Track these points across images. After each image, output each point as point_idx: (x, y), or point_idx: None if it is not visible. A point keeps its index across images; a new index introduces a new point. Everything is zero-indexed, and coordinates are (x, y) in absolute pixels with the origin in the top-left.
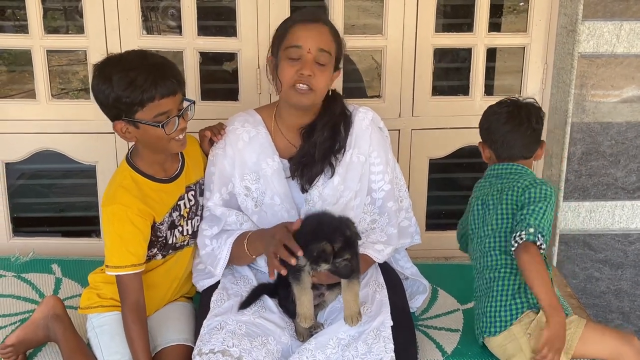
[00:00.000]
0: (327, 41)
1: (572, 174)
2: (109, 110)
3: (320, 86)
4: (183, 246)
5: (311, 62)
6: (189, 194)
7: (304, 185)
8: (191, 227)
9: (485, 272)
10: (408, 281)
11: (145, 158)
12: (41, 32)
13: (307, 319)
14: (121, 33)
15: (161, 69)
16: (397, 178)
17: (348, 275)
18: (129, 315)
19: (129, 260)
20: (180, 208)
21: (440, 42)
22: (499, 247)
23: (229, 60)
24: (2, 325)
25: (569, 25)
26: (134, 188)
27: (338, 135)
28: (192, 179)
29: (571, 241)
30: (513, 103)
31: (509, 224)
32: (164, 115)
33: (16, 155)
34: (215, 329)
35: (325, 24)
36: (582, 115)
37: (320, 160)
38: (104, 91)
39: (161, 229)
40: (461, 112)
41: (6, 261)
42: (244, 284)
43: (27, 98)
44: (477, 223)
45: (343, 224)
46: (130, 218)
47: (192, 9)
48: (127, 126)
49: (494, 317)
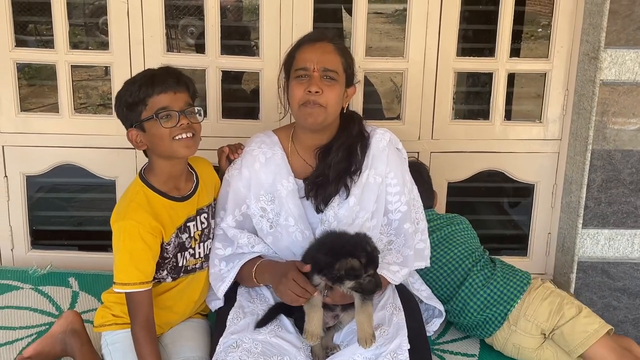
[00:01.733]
0: (332, 59)
1: (592, 201)
2: (124, 121)
3: (330, 102)
4: (195, 269)
5: (318, 79)
6: (201, 216)
7: (319, 206)
8: (203, 250)
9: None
10: (423, 305)
11: (159, 174)
12: (66, 47)
13: (313, 337)
14: (145, 50)
15: (164, 71)
16: (414, 200)
17: (372, 292)
18: (140, 332)
19: (137, 278)
20: (190, 230)
21: (462, 66)
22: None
23: (245, 79)
24: (19, 337)
25: (591, 53)
26: (146, 204)
27: (354, 157)
28: (204, 201)
29: (589, 269)
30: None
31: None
32: (163, 112)
33: (37, 169)
34: (231, 347)
35: (331, 41)
36: (603, 143)
37: (334, 181)
38: (117, 103)
39: (168, 250)
40: (481, 136)
41: (24, 273)
42: (260, 303)
43: (48, 112)
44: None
45: (362, 240)
46: (142, 235)
47: (215, 28)
48: (137, 133)
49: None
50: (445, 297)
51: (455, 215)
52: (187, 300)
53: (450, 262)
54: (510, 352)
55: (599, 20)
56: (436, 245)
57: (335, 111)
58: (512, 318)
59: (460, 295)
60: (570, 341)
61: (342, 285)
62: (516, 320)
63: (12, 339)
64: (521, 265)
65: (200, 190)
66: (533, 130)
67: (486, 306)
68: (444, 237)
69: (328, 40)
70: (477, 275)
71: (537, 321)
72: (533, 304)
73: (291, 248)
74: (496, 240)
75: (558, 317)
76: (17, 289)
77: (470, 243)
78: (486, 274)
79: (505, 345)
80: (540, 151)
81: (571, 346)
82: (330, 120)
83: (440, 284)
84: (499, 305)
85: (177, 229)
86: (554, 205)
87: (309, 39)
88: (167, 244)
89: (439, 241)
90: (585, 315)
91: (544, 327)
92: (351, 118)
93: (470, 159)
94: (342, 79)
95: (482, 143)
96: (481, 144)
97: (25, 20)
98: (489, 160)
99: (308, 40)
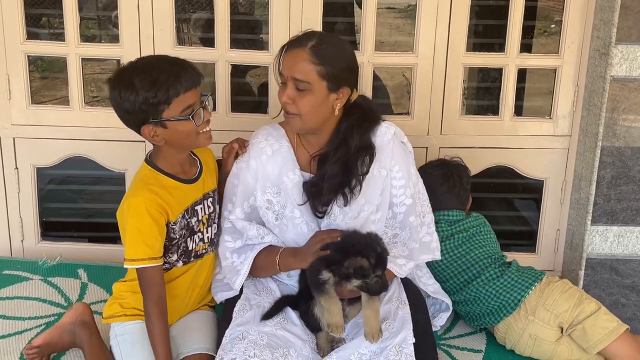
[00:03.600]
0: (303, 68)
1: (601, 198)
2: (135, 116)
3: (303, 110)
4: (203, 254)
5: (290, 89)
6: (208, 200)
7: (316, 212)
8: (210, 234)
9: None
10: (430, 299)
11: (168, 158)
12: (77, 40)
13: (338, 328)
14: (155, 43)
15: (179, 64)
16: (420, 193)
17: (378, 292)
18: (153, 309)
19: (146, 253)
20: (198, 213)
21: (471, 61)
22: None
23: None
24: (28, 327)
25: (602, 48)
26: (154, 183)
27: (352, 172)
28: (209, 186)
29: (598, 266)
30: (444, 164)
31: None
32: (189, 109)
33: (48, 161)
34: (237, 338)
35: (309, 48)
36: (613, 139)
37: (327, 193)
38: (129, 98)
39: (175, 230)
40: (490, 131)
41: (34, 264)
42: (266, 295)
43: (60, 105)
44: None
45: (374, 241)
46: (149, 210)
47: (225, 21)
48: (155, 129)
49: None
50: (457, 288)
51: (479, 216)
52: (195, 285)
53: (469, 262)
54: (525, 344)
55: (610, 16)
56: (459, 244)
57: (315, 117)
58: (529, 307)
59: (474, 284)
60: (591, 336)
61: (349, 283)
62: (534, 310)
63: (21, 329)
64: (529, 262)
65: (204, 175)
66: (543, 126)
67: (500, 293)
68: (469, 237)
69: (305, 47)
70: (492, 269)
71: (556, 311)
72: (553, 295)
73: (296, 240)
74: (505, 236)
75: (578, 311)
76: (26, 279)
77: (492, 246)
78: (502, 269)
79: (520, 337)
80: (550, 147)
81: (591, 342)
82: (312, 125)
83: (454, 278)
84: (513, 292)
85: (185, 211)
86: (563, 201)
87: (289, 44)
88: (173, 224)
89: (462, 241)
90: (605, 312)
91: (563, 318)
92: (349, 130)
93: (479, 154)
94: (320, 86)
95: (492, 139)
96: (490, 140)
97: (38, 13)
98: (498, 156)
99: (288, 46)
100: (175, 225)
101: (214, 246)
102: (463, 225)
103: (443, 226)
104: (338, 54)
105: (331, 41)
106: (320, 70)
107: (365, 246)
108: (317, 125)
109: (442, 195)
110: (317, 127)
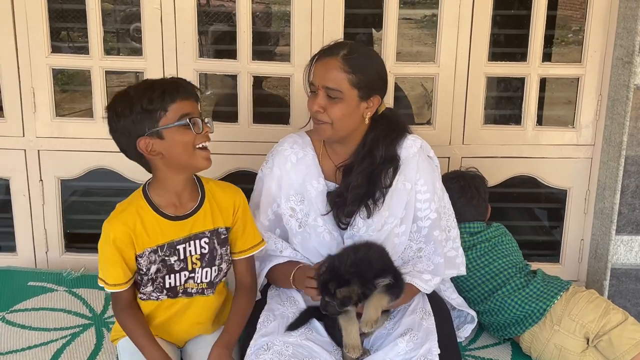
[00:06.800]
0: (335, 76)
1: (626, 207)
2: (133, 130)
3: (335, 118)
4: (195, 293)
5: (321, 97)
6: (201, 241)
7: (339, 224)
8: (209, 276)
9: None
10: (455, 311)
11: (165, 185)
12: (101, 53)
13: (355, 349)
14: (178, 56)
15: (175, 80)
16: (445, 207)
17: (355, 302)
18: (122, 313)
19: (107, 278)
20: (180, 252)
21: (493, 70)
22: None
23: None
24: (54, 338)
25: (625, 57)
26: (133, 213)
27: (376, 184)
28: (206, 226)
29: (623, 276)
30: (461, 176)
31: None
32: (187, 117)
33: (72, 173)
34: (262, 349)
35: (341, 57)
36: (637, 148)
37: (351, 204)
38: (124, 111)
39: (141, 264)
40: (513, 141)
41: (58, 276)
42: (290, 305)
43: (83, 117)
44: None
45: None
46: (115, 240)
47: (247, 33)
48: (151, 141)
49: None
50: (481, 298)
51: (500, 226)
52: (189, 321)
53: (492, 271)
54: (550, 354)
55: (633, 25)
56: (482, 254)
57: (346, 125)
58: (555, 317)
59: (499, 294)
60: (618, 347)
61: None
62: (560, 320)
63: (47, 340)
64: (553, 272)
65: (201, 214)
66: (566, 135)
67: (525, 302)
68: (491, 247)
69: (337, 55)
70: (517, 279)
71: (582, 321)
72: (579, 305)
73: (319, 248)
74: (528, 246)
75: (604, 321)
76: (51, 291)
77: (515, 255)
78: (527, 279)
79: (546, 347)
80: (573, 156)
81: (618, 353)
82: (342, 134)
83: (477, 288)
84: (539, 301)
85: (159, 247)
86: (587, 211)
87: (321, 54)
88: (139, 256)
89: (484, 251)
90: (633, 323)
91: (589, 328)
92: (375, 141)
93: (502, 164)
94: (351, 94)
95: (514, 148)
96: (513, 149)
97: (58, 27)
98: (521, 165)
99: (319, 55)
100: (142, 258)
101: (212, 289)
102: (485, 236)
103: (465, 237)
104: (369, 63)
105: (362, 51)
106: (351, 79)
107: (347, 272)
108: (346, 133)
109: (461, 207)
110: (346, 136)
